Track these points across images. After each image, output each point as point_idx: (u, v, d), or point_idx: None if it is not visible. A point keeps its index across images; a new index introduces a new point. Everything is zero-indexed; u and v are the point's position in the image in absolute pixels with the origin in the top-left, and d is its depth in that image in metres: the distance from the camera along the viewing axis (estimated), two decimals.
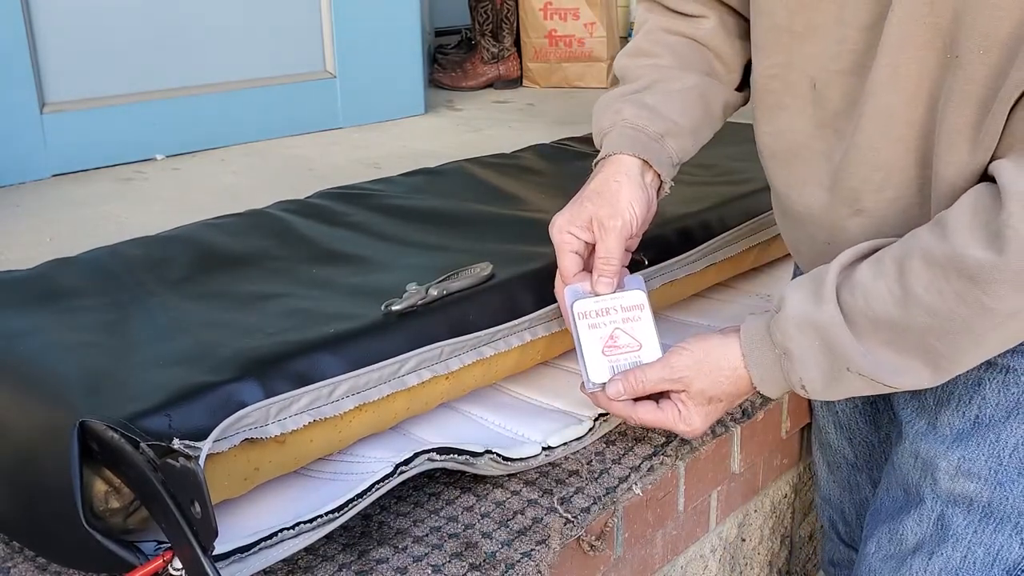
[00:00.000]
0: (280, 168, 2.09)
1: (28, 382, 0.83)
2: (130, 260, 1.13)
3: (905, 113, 0.78)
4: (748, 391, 0.85)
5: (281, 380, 0.82)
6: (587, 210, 0.92)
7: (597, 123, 0.98)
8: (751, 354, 0.83)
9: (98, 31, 2.06)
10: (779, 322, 0.80)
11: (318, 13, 2.44)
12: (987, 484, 0.85)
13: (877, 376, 0.76)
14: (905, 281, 0.73)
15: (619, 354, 0.89)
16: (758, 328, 0.83)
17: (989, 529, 0.85)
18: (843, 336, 0.76)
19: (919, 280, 0.72)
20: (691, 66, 0.98)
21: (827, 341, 0.77)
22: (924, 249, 0.73)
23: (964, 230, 0.71)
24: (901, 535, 0.90)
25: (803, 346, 0.78)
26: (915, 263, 0.73)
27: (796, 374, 0.80)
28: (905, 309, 0.73)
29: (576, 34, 3.10)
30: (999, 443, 0.84)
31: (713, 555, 1.18)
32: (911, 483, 0.91)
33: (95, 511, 0.73)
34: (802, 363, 0.79)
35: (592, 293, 0.91)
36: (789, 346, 0.79)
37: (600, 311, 0.90)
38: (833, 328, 0.76)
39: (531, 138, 2.02)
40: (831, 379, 0.78)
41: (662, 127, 0.93)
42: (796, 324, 0.78)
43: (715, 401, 0.86)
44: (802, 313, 0.78)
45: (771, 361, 0.81)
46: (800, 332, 0.78)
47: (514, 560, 0.82)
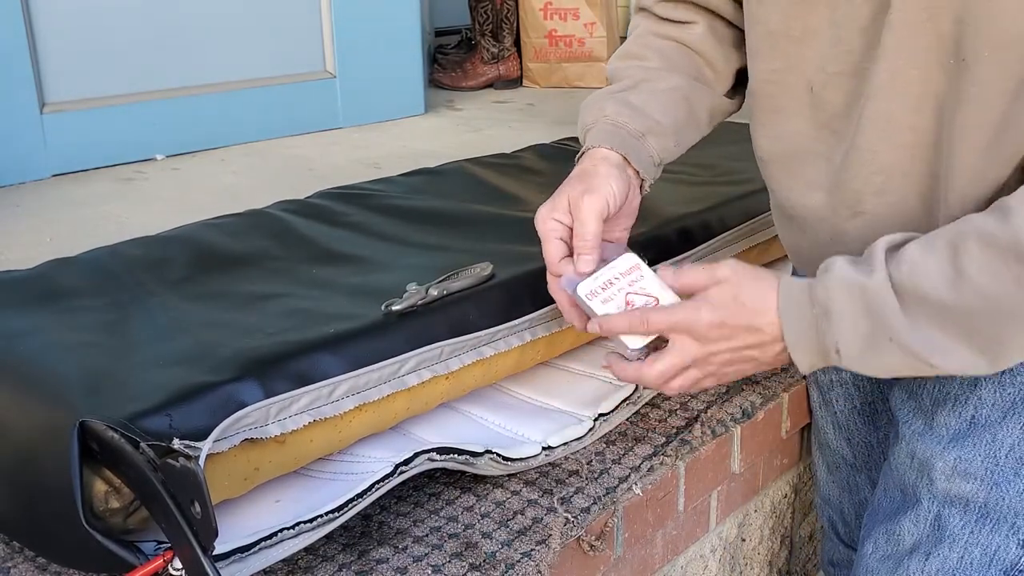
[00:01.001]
0: (280, 168, 2.09)
1: (28, 382, 0.83)
2: (130, 260, 1.13)
3: (908, 119, 0.78)
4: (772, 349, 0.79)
5: (281, 380, 0.82)
6: (564, 193, 0.90)
7: (581, 120, 0.98)
8: (787, 308, 0.77)
9: (98, 31, 2.06)
10: (824, 281, 0.76)
11: (318, 13, 2.44)
12: (983, 484, 0.85)
13: (918, 352, 0.72)
14: (959, 262, 0.70)
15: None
16: (799, 286, 0.78)
17: (986, 529, 0.85)
18: (890, 303, 0.72)
19: (974, 261, 0.70)
20: (678, 68, 0.98)
21: (872, 306, 0.73)
22: (982, 231, 0.71)
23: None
24: (898, 536, 0.91)
25: (846, 307, 0.74)
26: (971, 244, 0.70)
27: (832, 336, 0.75)
28: (956, 290, 0.70)
29: (576, 34, 3.10)
30: (995, 443, 0.84)
31: (713, 555, 1.18)
32: (908, 483, 0.91)
33: (95, 511, 0.73)
34: (841, 324, 0.74)
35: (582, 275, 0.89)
36: (831, 305, 0.74)
37: (604, 285, 0.87)
38: (881, 294, 0.73)
39: (531, 138, 2.02)
40: (869, 347, 0.74)
41: (643, 125, 0.93)
42: (843, 284, 0.74)
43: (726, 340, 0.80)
44: (850, 275, 0.74)
45: (808, 320, 0.76)
46: (846, 292, 0.74)
47: (514, 560, 0.82)
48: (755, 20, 0.89)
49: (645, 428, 1.04)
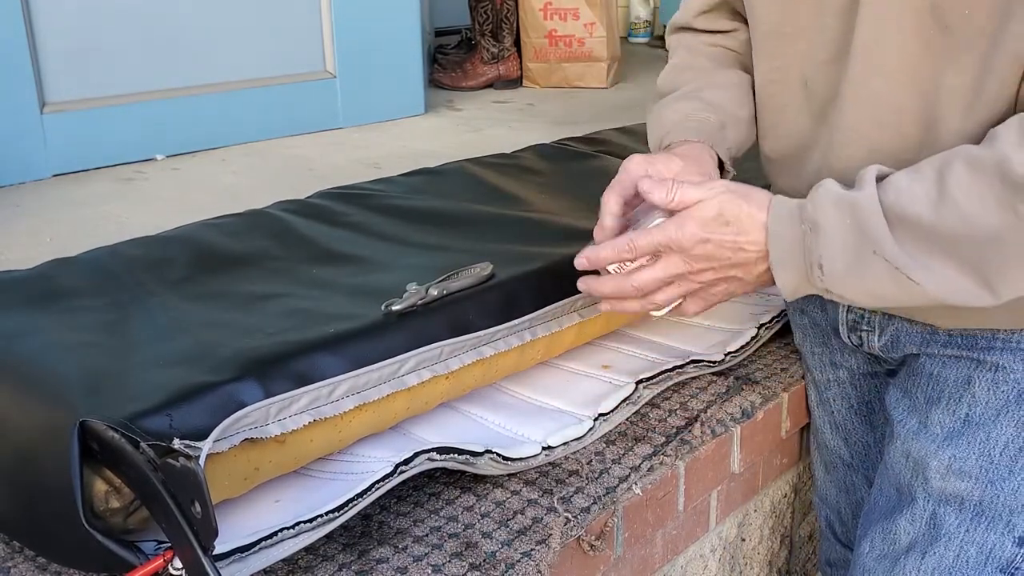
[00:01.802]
0: (280, 168, 2.09)
1: (28, 382, 0.83)
2: (130, 260, 1.13)
3: (891, 99, 0.79)
4: (757, 268, 0.80)
5: (281, 380, 0.82)
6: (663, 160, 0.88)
7: (658, 124, 0.97)
8: (776, 226, 0.78)
9: (98, 31, 2.06)
10: (814, 198, 0.77)
11: (318, 13, 2.44)
12: (978, 483, 0.85)
13: (902, 266, 0.73)
14: (944, 184, 0.71)
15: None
16: (790, 205, 0.79)
17: (981, 528, 0.85)
18: (877, 218, 0.73)
19: (959, 183, 0.71)
20: (732, 66, 1.00)
21: (859, 220, 0.74)
22: (969, 155, 0.71)
23: (1012, 139, 0.70)
24: (894, 535, 0.91)
25: (833, 221, 0.75)
26: (957, 167, 0.71)
27: (818, 250, 0.76)
28: (938, 211, 0.71)
29: (576, 34, 3.10)
30: (989, 441, 0.84)
31: (713, 555, 1.18)
32: (903, 482, 0.91)
33: (95, 511, 0.73)
34: (828, 238, 0.75)
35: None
36: (819, 219, 0.75)
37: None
38: (870, 208, 0.73)
39: (531, 138, 2.02)
40: (854, 260, 0.75)
41: (723, 117, 0.94)
42: (832, 199, 0.75)
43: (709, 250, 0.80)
44: (840, 192, 0.76)
45: (795, 236, 0.77)
46: (834, 207, 0.75)
47: (514, 560, 0.82)
48: (756, 21, 0.92)
49: (645, 428, 1.04)
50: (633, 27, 4.10)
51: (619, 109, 2.69)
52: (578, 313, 1.07)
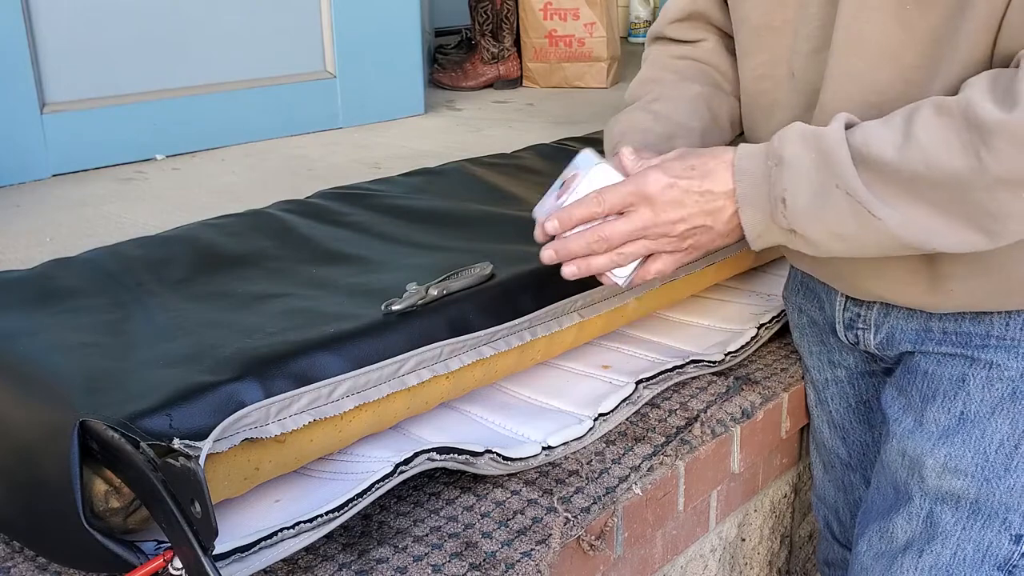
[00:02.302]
0: (280, 168, 2.09)
1: (28, 382, 0.83)
2: (130, 260, 1.13)
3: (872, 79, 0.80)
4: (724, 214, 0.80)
5: (281, 380, 0.82)
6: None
7: (609, 133, 1.00)
8: (741, 165, 0.79)
9: (98, 31, 2.06)
10: (781, 134, 0.78)
11: (318, 13, 2.44)
12: (974, 480, 0.85)
13: (864, 200, 0.73)
14: (910, 127, 0.72)
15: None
16: (757, 146, 0.80)
17: (977, 525, 0.85)
18: (842, 151, 0.74)
19: (926, 127, 0.71)
20: (695, 79, 1.01)
21: (824, 153, 0.74)
22: (937, 101, 0.72)
23: (981, 86, 0.71)
24: (891, 533, 0.91)
25: (798, 154, 0.76)
26: (925, 111, 0.72)
27: (781, 183, 0.76)
28: (901, 152, 0.72)
29: (576, 34, 3.10)
30: (984, 439, 0.85)
31: (713, 555, 1.18)
32: (900, 481, 0.91)
33: (95, 511, 0.73)
34: (792, 170, 0.76)
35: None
36: (783, 153, 0.76)
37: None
38: (835, 142, 0.74)
39: (531, 138, 2.02)
40: (817, 194, 0.75)
41: (669, 128, 0.95)
42: (798, 135, 0.76)
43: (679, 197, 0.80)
44: (807, 128, 0.77)
45: (760, 173, 0.78)
46: (801, 141, 0.76)
47: (514, 560, 0.82)
48: (740, 19, 0.93)
49: (645, 428, 1.04)
50: (633, 27, 4.10)
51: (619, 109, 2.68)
52: (578, 313, 1.07)
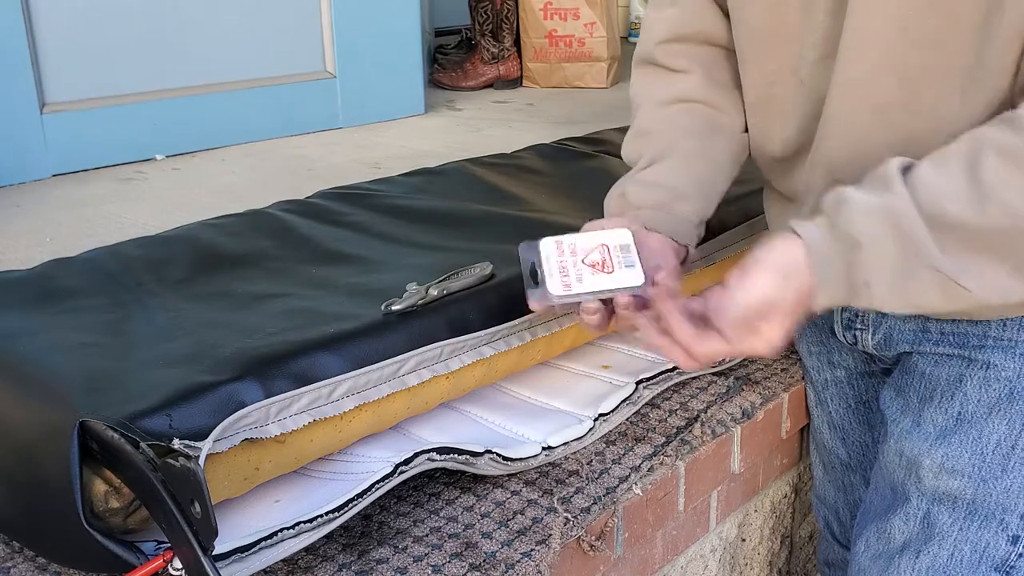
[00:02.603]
0: (280, 168, 2.09)
1: (28, 382, 0.83)
2: (130, 260, 1.13)
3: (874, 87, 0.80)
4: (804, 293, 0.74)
5: (281, 380, 0.82)
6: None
7: (607, 212, 0.98)
8: (814, 245, 0.73)
9: (98, 31, 2.06)
10: (846, 213, 0.72)
11: (318, 13, 2.44)
12: (971, 481, 0.85)
13: (950, 272, 0.69)
14: (978, 179, 0.68)
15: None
16: (814, 226, 0.74)
17: (975, 526, 0.85)
18: (917, 224, 0.69)
19: (996, 177, 0.67)
20: (690, 131, 0.97)
21: (900, 228, 0.69)
22: (999, 144, 0.68)
23: None
24: (889, 534, 0.91)
25: (873, 234, 0.70)
26: (989, 159, 0.68)
27: (862, 269, 0.71)
28: (982, 209, 0.67)
29: (576, 34, 3.10)
30: (982, 440, 0.84)
31: (713, 555, 1.18)
32: (897, 482, 0.91)
33: (95, 511, 0.73)
34: (871, 254, 0.70)
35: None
36: (858, 236, 0.71)
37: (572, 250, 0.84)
38: (908, 215, 0.69)
39: (531, 138, 2.01)
40: (901, 276, 0.70)
41: (666, 197, 0.93)
42: (863, 210, 0.71)
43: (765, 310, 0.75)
44: (871, 200, 0.71)
45: (835, 256, 0.72)
46: (868, 218, 0.70)
47: (514, 560, 0.82)
48: (743, 27, 0.91)
49: (645, 428, 1.04)
50: (633, 27, 4.10)
51: (619, 109, 2.68)
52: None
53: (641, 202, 0.93)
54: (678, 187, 0.94)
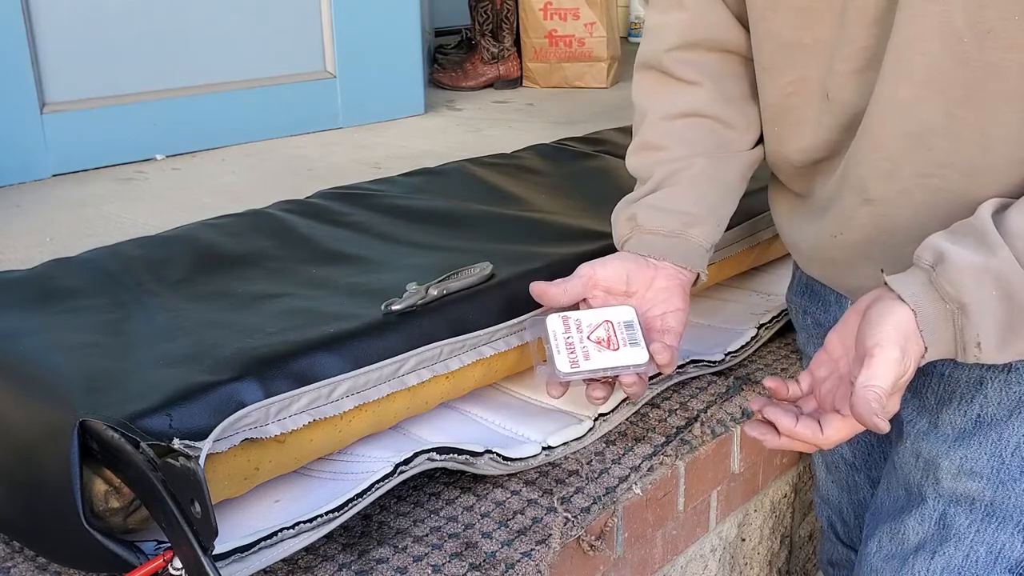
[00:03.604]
0: (280, 168, 2.09)
1: (28, 382, 0.83)
2: (130, 260, 1.13)
3: (916, 109, 0.78)
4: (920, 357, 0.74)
5: (281, 380, 0.82)
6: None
7: (615, 231, 0.98)
8: (921, 310, 0.72)
9: (98, 31, 2.06)
10: (948, 274, 0.71)
11: (318, 13, 2.44)
12: (989, 483, 0.85)
13: None
14: None
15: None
16: (919, 283, 0.73)
17: (991, 528, 0.85)
18: (1022, 281, 0.69)
19: None
20: (697, 149, 0.95)
21: (1007, 290, 0.69)
22: None
23: None
24: (903, 535, 0.90)
25: (980, 298, 0.70)
26: None
27: (973, 330, 0.71)
28: None
29: (576, 34, 3.10)
30: (1001, 442, 0.84)
31: (713, 555, 1.18)
32: (913, 483, 0.91)
33: (95, 511, 0.73)
34: (979, 317, 0.70)
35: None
36: (964, 299, 0.70)
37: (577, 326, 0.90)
38: (1013, 275, 0.69)
39: (531, 138, 2.01)
40: (1009, 331, 0.70)
41: (680, 223, 0.93)
42: (970, 273, 0.70)
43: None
44: (974, 262, 0.70)
45: (942, 318, 0.72)
46: (976, 281, 0.70)
47: (514, 560, 0.82)
48: (764, 36, 0.89)
49: (645, 428, 1.04)
50: (633, 27, 4.10)
51: (619, 109, 2.69)
52: None
53: (653, 227, 0.93)
54: (691, 212, 0.94)
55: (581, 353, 0.87)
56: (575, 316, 0.89)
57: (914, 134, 0.79)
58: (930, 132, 0.78)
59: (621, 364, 0.88)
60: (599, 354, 0.87)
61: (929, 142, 0.78)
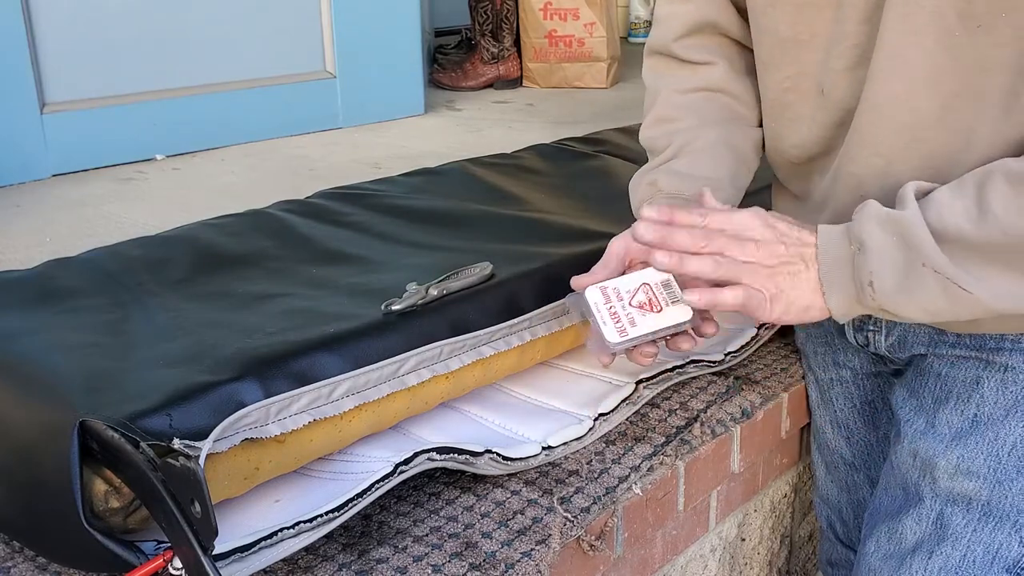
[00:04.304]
0: (280, 168, 2.09)
1: (28, 382, 0.83)
2: (130, 260, 1.13)
3: (909, 104, 0.79)
4: (808, 280, 0.79)
5: (281, 380, 0.82)
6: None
7: (634, 198, 0.98)
8: (825, 247, 0.78)
9: (98, 31, 2.06)
10: (859, 218, 0.77)
11: (318, 13, 2.44)
12: (986, 483, 0.85)
13: (952, 276, 0.73)
14: (984, 199, 0.72)
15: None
16: (836, 228, 0.79)
17: (988, 528, 0.85)
18: (922, 232, 0.73)
19: (998, 196, 0.71)
20: (712, 119, 0.97)
21: (905, 236, 0.74)
22: (1008, 169, 0.72)
23: None
24: (900, 534, 0.91)
25: (879, 239, 0.75)
26: (996, 182, 0.72)
27: (867, 267, 0.76)
28: (978, 226, 0.71)
29: (576, 34, 3.10)
30: (998, 441, 0.84)
31: (713, 555, 1.18)
32: (910, 482, 0.91)
33: (95, 511, 0.73)
34: (876, 255, 0.75)
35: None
36: (865, 239, 0.76)
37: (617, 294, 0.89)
38: (914, 225, 0.74)
39: (531, 138, 2.02)
40: (904, 275, 0.75)
41: (696, 186, 0.94)
42: (876, 219, 0.76)
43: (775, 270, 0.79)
44: (884, 211, 0.76)
45: (844, 257, 0.77)
46: (879, 226, 0.75)
47: (514, 560, 0.82)
48: (764, 31, 0.90)
49: (645, 428, 1.04)
50: (633, 27, 4.10)
51: (619, 109, 2.69)
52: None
53: (675, 191, 0.94)
54: (711, 178, 0.94)
55: (627, 321, 0.87)
56: (612, 285, 0.88)
57: (907, 128, 0.79)
58: (924, 126, 0.79)
59: (668, 324, 0.87)
60: (644, 318, 0.87)
61: (922, 135, 0.79)
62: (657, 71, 1.03)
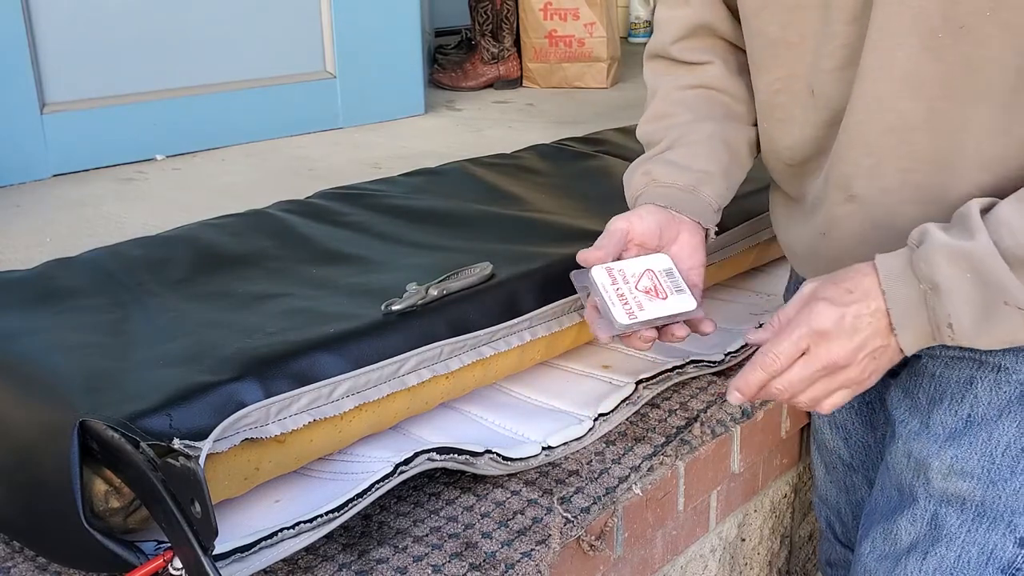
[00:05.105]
0: (280, 168, 2.09)
1: (28, 382, 0.83)
2: (130, 260, 1.13)
3: (895, 104, 0.79)
4: (883, 335, 0.76)
5: (281, 380, 0.82)
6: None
7: (629, 188, 0.99)
8: (891, 290, 0.74)
9: (98, 31, 2.06)
10: (925, 254, 0.72)
11: (318, 13, 2.44)
12: (980, 483, 0.85)
13: None
14: None
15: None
16: (897, 262, 0.74)
17: (982, 528, 0.85)
18: (999, 267, 0.70)
19: None
20: (708, 115, 0.98)
21: (980, 272, 0.70)
22: None
23: None
24: (895, 535, 0.91)
25: (953, 277, 0.71)
26: None
27: (944, 310, 0.72)
28: None
29: (576, 34, 3.10)
30: (991, 442, 0.84)
31: (713, 555, 1.18)
32: (904, 483, 0.91)
33: (95, 511, 0.73)
34: (951, 296, 0.71)
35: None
36: (937, 279, 0.71)
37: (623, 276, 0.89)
38: (988, 258, 0.70)
39: (531, 138, 2.02)
40: (984, 315, 0.71)
41: (693, 179, 0.94)
42: (945, 255, 0.71)
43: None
44: (951, 244, 0.71)
45: (915, 298, 0.73)
46: (950, 263, 0.71)
47: (514, 560, 0.82)
48: (755, 33, 0.91)
49: (645, 428, 1.04)
50: (633, 27, 4.10)
51: (619, 109, 2.69)
52: (578, 313, 1.07)
53: (669, 181, 0.94)
54: (704, 170, 0.95)
55: (635, 304, 0.87)
56: (617, 267, 0.88)
57: (895, 129, 0.79)
58: (910, 127, 0.79)
59: (673, 312, 0.87)
60: (651, 304, 0.87)
61: (910, 137, 0.79)
62: (657, 73, 1.05)
